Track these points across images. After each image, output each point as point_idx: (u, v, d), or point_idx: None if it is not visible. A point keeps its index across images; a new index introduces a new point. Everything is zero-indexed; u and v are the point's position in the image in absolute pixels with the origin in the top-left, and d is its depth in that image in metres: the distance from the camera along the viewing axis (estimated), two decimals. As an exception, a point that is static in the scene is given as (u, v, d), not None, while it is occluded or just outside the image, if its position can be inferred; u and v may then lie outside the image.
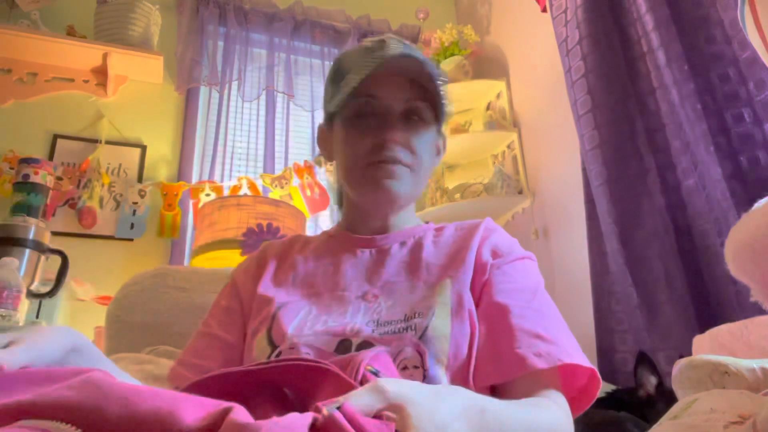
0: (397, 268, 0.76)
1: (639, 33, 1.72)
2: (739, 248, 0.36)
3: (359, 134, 0.76)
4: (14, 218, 1.80)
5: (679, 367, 0.82)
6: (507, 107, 2.60)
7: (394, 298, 0.71)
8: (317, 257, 0.82)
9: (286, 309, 0.72)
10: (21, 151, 2.15)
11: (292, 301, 0.74)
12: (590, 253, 1.82)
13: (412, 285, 0.73)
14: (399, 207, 0.81)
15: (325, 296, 0.74)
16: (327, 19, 2.83)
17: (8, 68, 2.28)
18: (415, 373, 0.62)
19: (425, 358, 0.63)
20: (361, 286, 0.75)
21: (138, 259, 2.19)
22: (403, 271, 0.76)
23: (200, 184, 2.35)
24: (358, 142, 0.76)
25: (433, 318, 0.66)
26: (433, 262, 0.76)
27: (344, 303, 0.72)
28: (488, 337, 0.67)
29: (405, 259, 0.78)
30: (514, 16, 2.62)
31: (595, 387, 0.69)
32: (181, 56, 2.51)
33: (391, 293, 0.72)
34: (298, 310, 0.72)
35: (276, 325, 0.70)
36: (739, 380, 0.66)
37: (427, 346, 0.64)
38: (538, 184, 2.36)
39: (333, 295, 0.74)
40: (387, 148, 0.74)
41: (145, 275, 1.19)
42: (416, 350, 0.63)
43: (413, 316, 0.67)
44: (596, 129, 1.77)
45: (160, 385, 0.83)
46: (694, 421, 0.49)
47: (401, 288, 0.73)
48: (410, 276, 0.75)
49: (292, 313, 0.71)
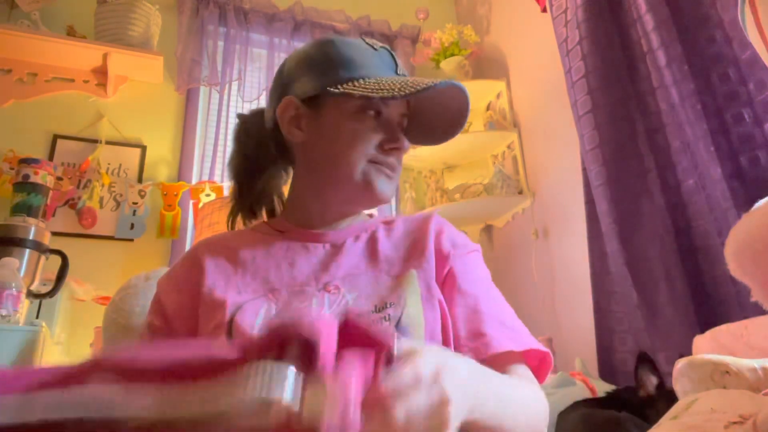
0: (355, 261, 0.76)
1: (639, 33, 1.72)
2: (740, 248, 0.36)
3: (370, 130, 0.74)
4: (14, 218, 1.80)
5: (679, 367, 0.82)
6: (507, 107, 2.60)
7: (358, 290, 0.71)
8: (266, 252, 0.77)
9: (244, 311, 0.68)
10: (21, 151, 2.15)
11: (247, 301, 0.70)
12: (590, 253, 1.82)
13: (374, 277, 0.73)
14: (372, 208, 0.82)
15: (283, 292, 0.72)
16: (327, 19, 2.83)
17: (8, 68, 2.28)
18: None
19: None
20: (320, 278, 0.73)
21: (138, 260, 2.19)
22: (362, 264, 0.75)
23: (200, 184, 2.35)
24: (368, 136, 0.74)
25: (406, 307, 0.68)
26: (392, 255, 0.77)
27: (306, 297, 0.71)
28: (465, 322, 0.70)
29: (362, 252, 0.77)
30: (514, 17, 2.62)
31: (546, 369, 0.73)
32: (181, 56, 2.51)
33: (353, 286, 0.72)
34: (257, 309, 0.68)
35: (236, 329, 0.66)
36: (740, 380, 0.66)
37: (403, 335, 0.64)
38: (538, 184, 2.36)
39: (292, 291, 0.72)
40: (394, 153, 0.75)
41: (140, 278, 1.18)
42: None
43: (384, 306, 0.68)
44: (596, 129, 1.77)
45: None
46: (695, 420, 0.49)
47: (363, 280, 0.73)
48: (370, 268, 0.75)
49: (251, 314, 0.68)
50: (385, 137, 0.75)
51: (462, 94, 0.76)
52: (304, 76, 0.77)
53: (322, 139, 0.76)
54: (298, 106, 0.77)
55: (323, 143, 0.76)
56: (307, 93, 0.76)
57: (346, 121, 0.74)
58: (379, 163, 0.75)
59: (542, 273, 2.23)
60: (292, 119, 0.78)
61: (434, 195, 2.53)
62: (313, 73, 0.76)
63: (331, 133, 0.75)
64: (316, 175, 0.78)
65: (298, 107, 0.77)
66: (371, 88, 0.71)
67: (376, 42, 0.80)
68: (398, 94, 0.69)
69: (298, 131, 0.78)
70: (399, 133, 0.77)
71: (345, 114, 0.75)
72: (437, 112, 0.80)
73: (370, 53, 0.77)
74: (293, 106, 0.77)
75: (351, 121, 0.74)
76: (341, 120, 0.75)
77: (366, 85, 0.72)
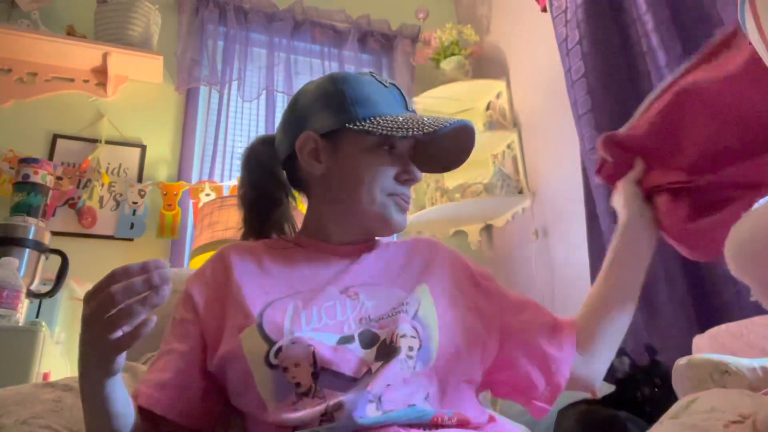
0: (371, 273, 0.81)
1: (639, 33, 1.72)
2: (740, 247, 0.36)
3: (386, 163, 0.80)
4: (14, 218, 1.80)
5: (679, 367, 0.82)
6: (507, 107, 2.60)
7: (377, 299, 0.76)
8: (288, 260, 0.82)
9: (273, 307, 0.72)
10: (21, 150, 2.15)
11: (276, 299, 0.74)
12: (590, 253, 1.82)
13: (390, 289, 0.79)
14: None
15: (307, 294, 0.76)
16: (327, 18, 2.83)
17: (8, 68, 2.28)
18: (413, 342, 0.69)
19: (419, 331, 0.71)
20: (340, 284, 0.78)
21: (138, 259, 2.13)
22: (378, 276, 0.81)
23: (200, 183, 2.35)
24: (384, 170, 0.80)
25: (420, 307, 0.74)
26: (407, 269, 0.83)
27: (330, 297, 0.75)
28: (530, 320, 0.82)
29: (378, 266, 0.83)
30: (514, 16, 2.62)
31: None
32: (180, 56, 2.51)
33: (372, 295, 0.77)
34: (285, 307, 0.73)
35: (267, 321, 0.70)
36: (740, 379, 0.66)
37: (419, 324, 0.72)
38: (538, 184, 2.36)
39: (316, 291, 0.76)
40: (408, 183, 0.82)
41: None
42: (411, 326, 0.71)
43: (401, 303, 0.74)
44: (596, 129, 1.77)
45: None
46: (694, 420, 0.49)
47: (381, 291, 0.78)
48: (386, 281, 0.80)
49: (281, 312, 0.72)
50: (400, 170, 0.81)
51: (469, 131, 0.82)
52: (322, 112, 0.81)
53: (341, 172, 0.81)
54: (317, 140, 0.81)
55: (342, 176, 0.81)
56: (326, 128, 0.80)
57: (363, 155, 0.80)
58: (396, 195, 0.81)
59: (542, 273, 2.23)
60: (311, 152, 0.82)
61: (434, 195, 2.53)
62: (331, 109, 0.81)
63: (349, 167, 0.80)
64: (335, 206, 0.83)
65: (317, 141, 0.81)
66: (389, 127, 0.76)
67: (385, 79, 0.86)
68: (416, 133, 0.74)
69: (318, 164, 0.82)
70: (411, 165, 0.83)
71: (362, 149, 0.80)
72: (444, 146, 0.86)
73: (383, 91, 0.83)
74: (312, 140, 0.81)
75: (368, 156, 0.79)
76: (359, 154, 0.80)
77: (383, 122, 0.77)
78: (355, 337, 0.70)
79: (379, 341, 0.69)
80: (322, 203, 0.85)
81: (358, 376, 0.66)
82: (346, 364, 0.67)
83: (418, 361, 0.68)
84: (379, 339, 0.70)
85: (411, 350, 0.68)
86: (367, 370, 0.66)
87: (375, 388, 0.64)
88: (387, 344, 0.69)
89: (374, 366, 0.67)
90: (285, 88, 2.63)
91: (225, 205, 2.00)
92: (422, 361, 0.69)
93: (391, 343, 0.68)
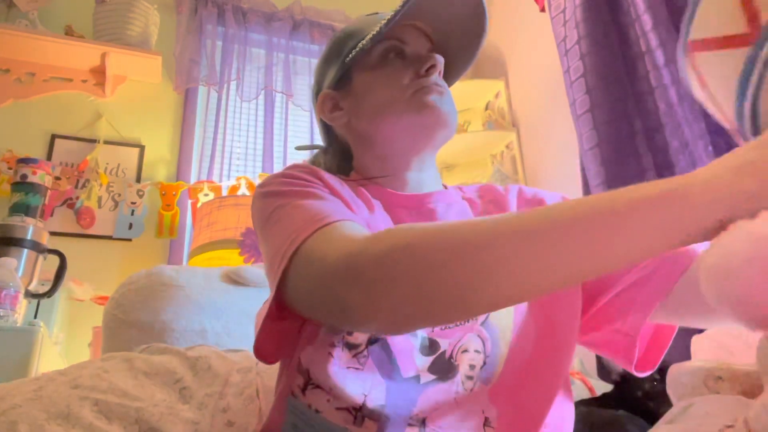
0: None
1: (638, 33, 1.72)
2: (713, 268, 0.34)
3: (399, 69, 0.73)
4: (12, 218, 1.80)
5: (673, 373, 0.82)
6: (506, 107, 2.60)
7: None
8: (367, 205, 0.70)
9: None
10: (19, 151, 2.15)
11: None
12: (589, 253, 1.82)
13: None
14: (444, 137, 0.74)
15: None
16: (326, 18, 2.83)
17: (6, 68, 2.27)
18: (476, 359, 0.59)
19: (487, 344, 0.60)
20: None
21: (136, 259, 2.19)
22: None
23: (199, 184, 2.35)
24: (399, 73, 0.72)
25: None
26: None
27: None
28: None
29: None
30: (513, 16, 2.62)
31: None
32: (179, 56, 2.51)
33: None
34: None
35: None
36: (734, 385, 0.66)
37: (489, 332, 0.61)
38: (537, 183, 2.36)
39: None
40: (431, 72, 0.72)
41: (141, 274, 1.19)
42: (478, 335, 0.61)
43: None
44: (595, 128, 1.77)
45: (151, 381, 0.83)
46: (690, 425, 0.49)
47: None
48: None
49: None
50: (416, 66, 0.72)
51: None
52: (327, 70, 0.79)
53: (362, 102, 0.75)
54: (331, 94, 0.78)
55: (365, 105, 0.74)
56: (335, 78, 0.77)
57: (374, 74, 0.74)
58: (423, 87, 0.71)
59: (541, 272, 2.23)
60: (331, 108, 0.78)
61: (433, 194, 2.53)
62: (332, 60, 0.78)
63: (366, 92, 0.74)
64: (372, 139, 0.75)
65: (331, 95, 0.78)
66: (376, 31, 0.70)
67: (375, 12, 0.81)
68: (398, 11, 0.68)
69: (340, 112, 0.77)
70: (425, 55, 0.73)
71: (369, 69, 0.74)
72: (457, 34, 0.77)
73: (368, 19, 0.78)
74: (328, 97, 0.78)
75: (378, 71, 0.73)
76: (369, 77, 0.74)
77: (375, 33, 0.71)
78: (418, 336, 0.59)
79: (438, 352, 0.59)
80: (364, 150, 0.76)
81: (405, 375, 0.58)
82: (402, 355, 0.58)
83: (478, 381, 0.59)
84: (439, 349, 0.59)
85: (472, 369, 0.59)
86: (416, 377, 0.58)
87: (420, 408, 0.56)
88: (446, 359, 0.59)
89: (425, 377, 0.58)
90: (284, 88, 2.63)
91: (224, 205, 2.00)
92: (482, 380, 0.59)
93: (450, 359, 0.59)
